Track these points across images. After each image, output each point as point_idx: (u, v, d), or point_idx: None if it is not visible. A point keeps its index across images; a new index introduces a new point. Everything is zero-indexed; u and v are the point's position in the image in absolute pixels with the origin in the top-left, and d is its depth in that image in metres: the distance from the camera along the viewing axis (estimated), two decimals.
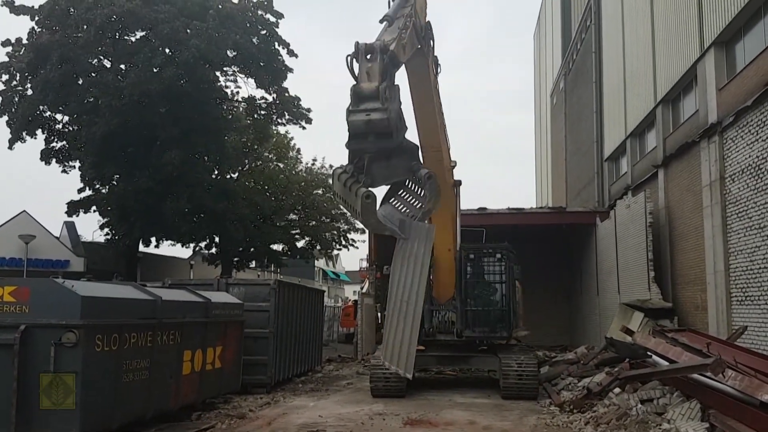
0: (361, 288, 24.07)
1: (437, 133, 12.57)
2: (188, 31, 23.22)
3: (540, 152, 50.80)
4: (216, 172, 28.25)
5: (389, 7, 9.72)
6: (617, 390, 11.47)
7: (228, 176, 29.68)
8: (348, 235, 34.68)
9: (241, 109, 29.44)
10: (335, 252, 37.61)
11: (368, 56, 8.34)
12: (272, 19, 26.35)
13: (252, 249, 31.42)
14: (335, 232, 34.64)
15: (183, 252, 36.34)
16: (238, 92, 28.82)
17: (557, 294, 28.61)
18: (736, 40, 15.09)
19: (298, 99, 28.33)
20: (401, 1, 9.81)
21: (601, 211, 24.68)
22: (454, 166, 14.29)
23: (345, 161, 8.69)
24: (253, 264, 36.23)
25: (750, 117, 13.65)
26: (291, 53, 26.86)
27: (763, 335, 12.93)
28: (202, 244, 30.49)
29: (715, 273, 15.16)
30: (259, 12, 26.18)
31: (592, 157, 28.91)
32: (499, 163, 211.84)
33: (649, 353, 11.48)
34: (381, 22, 9.33)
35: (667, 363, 10.48)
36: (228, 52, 25.16)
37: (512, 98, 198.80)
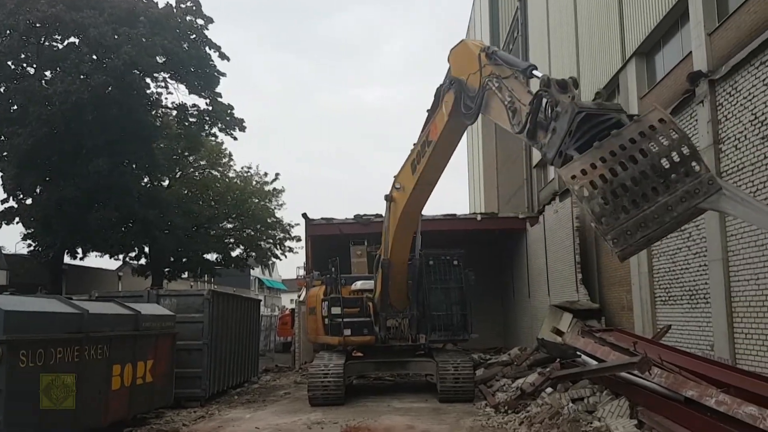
0: (299, 296, 23.84)
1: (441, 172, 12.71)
2: (116, 37, 22.59)
3: (472, 160, 51.73)
4: (146, 180, 27.47)
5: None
6: (549, 390, 11.77)
7: (158, 184, 28.91)
8: (285, 243, 34.36)
9: (172, 116, 28.77)
10: (272, 261, 37.13)
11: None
12: (201, 23, 25.93)
13: (184, 259, 30.68)
14: (271, 241, 34.25)
15: (111, 263, 35.14)
16: (167, 98, 28.17)
17: (491, 297, 29.14)
18: (656, 50, 15.84)
19: (231, 107, 27.92)
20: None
21: (531, 217, 25.34)
22: None
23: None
24: (185, 274, 35.38)
25: None
26: (223, 56, 26.51)
27: (687, 333, 13.57)
28: (131, 255, 29.56)
29: (639, 274, 15.82)
30: (188, 17, 25.72)
31: (521, 165, 29.67)
32: None
33: (578, 353, 11.82)
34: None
35: (596, 362, 10.82)
36: (158, 58, 24.58)
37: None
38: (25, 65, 24.10)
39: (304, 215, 25.21)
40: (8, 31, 22.65)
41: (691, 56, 13.11)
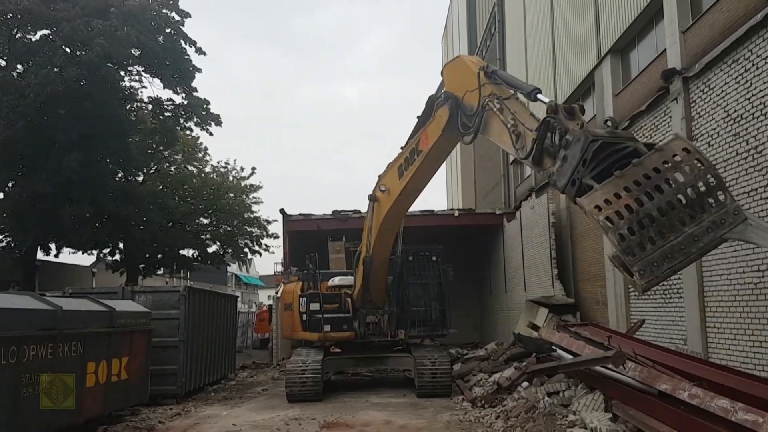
0: (276, 292, 23.72)
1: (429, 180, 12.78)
2: (90, 29, 22.22)
3: (451, 157, 51.91)
4: (120, 175, 27.09)
5: None
6: (525, 384, 11.88)
7: (133, 179, 28.52)
8: (262, 240, 34.15)
9: (147, 110, 28.39)
10: (249, 257, 36.88)
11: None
12: (177, 17, 25.61)
13: (159, 255, 30.33)
14: (248, 237, 34.02)
15: (85, 259, 34.67)
16: (143, 92, 27.83)
17: (468, 293, 29.35)
18: (631, 48, 16.02)
19: (208, 102, 27.62)
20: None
21: (508, 213, 25.54)
22: None
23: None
24: (161, 270, 34.98)
25: (644, 122, 14.54)
26: (199, 51, 26.19)
27: (660, 328, 13.78)
28: (106, 251, 29.14)
29: (613, 270, 15.98)
30: (164, 10, 25.37)
31: (498, 161, 29.85)
32: None
33: (554, 347, 11.94)
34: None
35: (571, 356, 10.95)
36: (132, 51, 24.23)
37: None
38: None
39: (282, 210, 25.13)
40: None
41: (666, 54, 13.28)
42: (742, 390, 7.40)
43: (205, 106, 27.54)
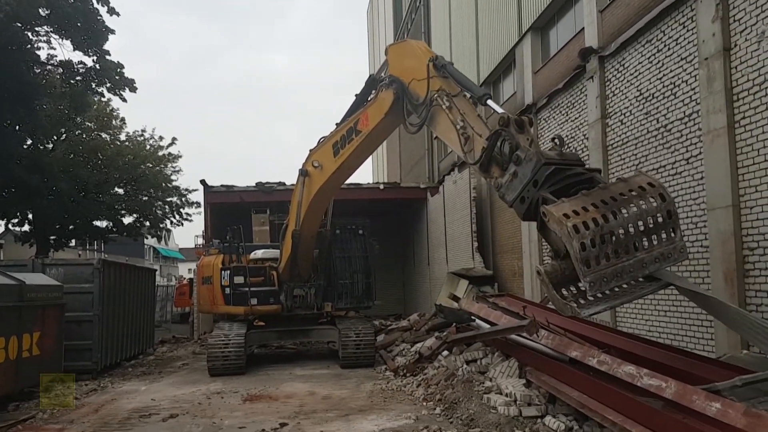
0: (197, 265, 23.22)
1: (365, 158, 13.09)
2: None
3: None
4: (29, 143, 25.55)
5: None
6: (446, 353, 12.20)
7: (43, 147, 26.96)
8: (182, 209, 33.20)
9: (56, 74, 26.75)
10: (168, 228, 35.76)
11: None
12: None
13: (71, 226, 28.98)
14: (167, 207, 32.98)
15: None
16: (54, 57, 26.14)
17: (393, 265, 29.70)
18: (551, 26, 16.41)
19: (121, 66, 26.31)
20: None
21: (432, 187, 25.89)
22: None
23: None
24: (73, 243, 33.46)
25: (561, 99, 15.00)
26: (112, 11, 24.83)
27: None
28: (13, 222, 27.57)
29: (529, 242, 16.59)
30: None
31: (423, 135, 30.10)
32: None
33: (473, 317, 12.27)
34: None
35: (488, 326, 11.30)
36: (40, 11, 22.71)
37: (353, 78, 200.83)
38: None
39: (203, 181, 24.45)
40: None
41: (584, 32, 13.68)
42: (647, 357, 7.84)
43: (118, 69, 26.23)
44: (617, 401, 6.79)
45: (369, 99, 11.57)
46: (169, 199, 32.80)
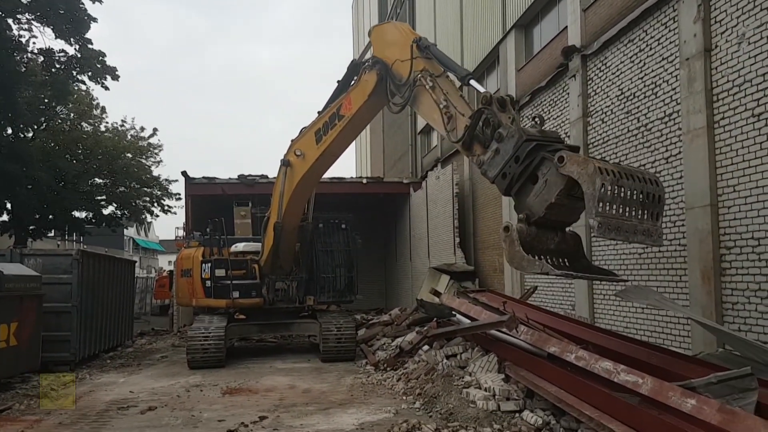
0: (176, 258, 23.06)
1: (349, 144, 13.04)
2: None
3: None
4: (9, 132, 25.14)
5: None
6: (426, 347, 12.26)
7: (23, 136, 26.54)
8: (163, 201, 32.91)
9: (37, 62, 26.34)
10: (149, 220, 35.40)
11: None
12: None
13: (50, 216, 28.61)
14: (147, 198, 32.67)
15: None
16: (34, 43, 25.74)
17: (375, 260, 29.73)
18: (535, 24, 16.49)
19: (103, 54, 25.99)
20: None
21: (415, 182, 25.94)
22: None
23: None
24: (51, 233, 33.03)
25: (544, 96, 15.09)
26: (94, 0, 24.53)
27: (551, 294, 14.56)
28: None
29: None
30: None
31: (406, 131, 30.14)
32: None
33: (454, 312, 12.34)
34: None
35: (469, 321, 11.36)
36: None
37: (339, 71, 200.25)
38: None
39: (184, 173, 24.28)
40: None
41: (567, 31, 13.76)
42: (624, 353, 7.96)
43: (100, 58, 25.92)
44: (594, 397, 6.88)
45: (352, 84, 11.57)
46: (149, 190, 32.48)
